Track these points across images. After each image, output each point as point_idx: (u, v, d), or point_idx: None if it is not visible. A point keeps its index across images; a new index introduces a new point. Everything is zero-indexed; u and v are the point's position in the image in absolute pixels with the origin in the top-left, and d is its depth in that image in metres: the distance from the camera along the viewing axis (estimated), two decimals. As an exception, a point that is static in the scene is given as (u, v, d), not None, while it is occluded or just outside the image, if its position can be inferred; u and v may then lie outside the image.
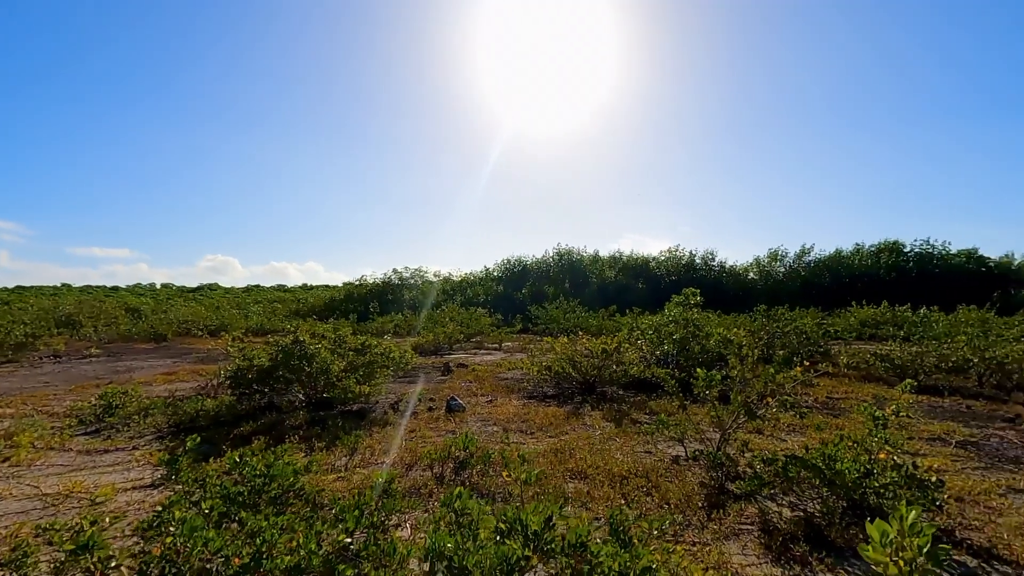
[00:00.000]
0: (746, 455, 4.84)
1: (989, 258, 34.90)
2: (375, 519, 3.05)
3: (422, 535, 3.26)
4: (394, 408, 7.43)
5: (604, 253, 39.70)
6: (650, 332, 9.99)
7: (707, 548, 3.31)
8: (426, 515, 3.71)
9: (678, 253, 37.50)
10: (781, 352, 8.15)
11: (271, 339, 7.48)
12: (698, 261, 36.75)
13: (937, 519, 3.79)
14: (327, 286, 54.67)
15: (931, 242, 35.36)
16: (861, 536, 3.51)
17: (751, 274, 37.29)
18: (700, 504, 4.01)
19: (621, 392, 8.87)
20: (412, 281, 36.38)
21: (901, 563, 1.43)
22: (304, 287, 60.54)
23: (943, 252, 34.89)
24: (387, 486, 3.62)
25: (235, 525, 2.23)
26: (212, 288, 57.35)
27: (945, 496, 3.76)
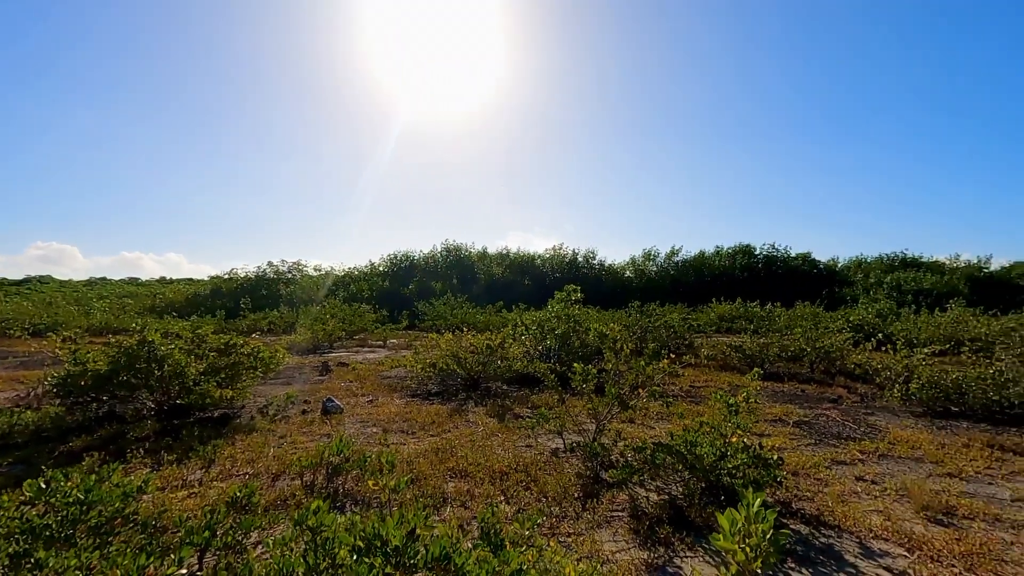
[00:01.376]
0: (619, 444, 5.08)
1: (819, 261, 40.50)
2: (229, 539, 2.73)
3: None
4: (263, 413, 6.84)
5: (492, 250, 40.17)
6: (534, 327, 10.21)
7: (581, 538, 3.40)
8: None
9: (562, 251, 38.98)
10: (652, 345, 8.72)
11: (113, 339, 6.52)
12: (580, 259, 38.47)
13: (778, 493, 4.24)
14: (190, 280, 49.47)
15: (776, 246, 40.23)
16: (717, 516, 3.82)
17: (628, 272, 39.78)
18: (576, 495, 4.12)
19: (505, 387, 8.97)
20: (290, 275, 34.11)
21: (748, 549, 1.53)
22: (162, 281, 54.26)
23: (785, 255, 39.83)
24: (247, 500, 3.28)
25: (31, 568, 1.84)
26: (44, 281, 49.34)
27: (784, 472, 4.21)
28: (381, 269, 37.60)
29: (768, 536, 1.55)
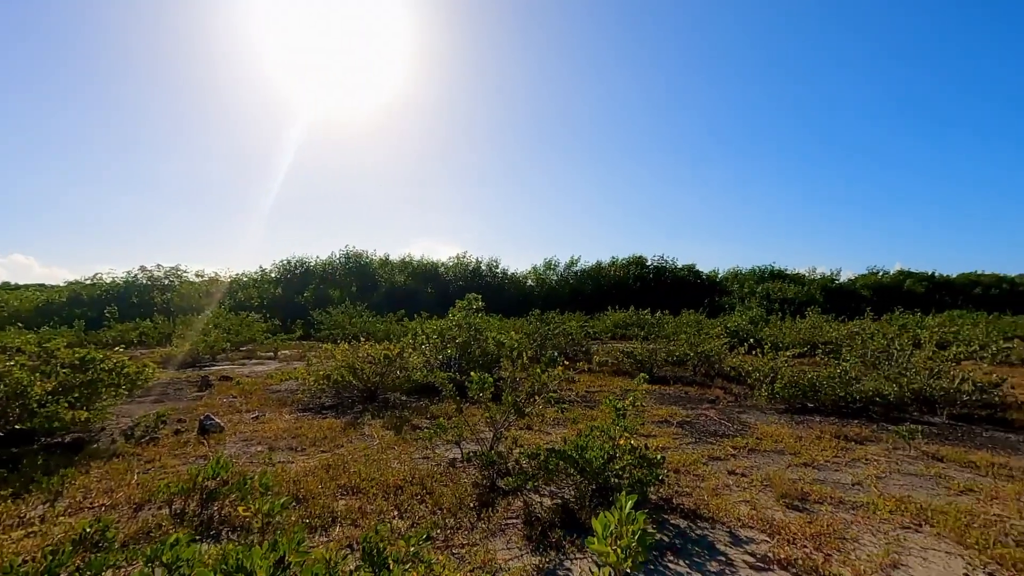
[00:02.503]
0: (514, 451, 5.15)
1: (703, 272, 44.01)
2: (74, 583, 2.40)
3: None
4: (127, 435, 6.13)
5: (395, 257, 39.34)
6: (434, 336, 10.10)
7: (475, 548, 3.39)
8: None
9: (466, 260, 39.07)
10: (549, 352, 8.98)
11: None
12: (484, 268, 38.77)
13: (661, 490, 4.51)
14: (42, 286, 43.35)
15: (665, 257, 43.19)
16: (592, 521, 3.99)
17: (529, 281, 40.72)
18: (472, 504, 4.11)
19: (404, 398, 8.78)
20: (167, 281, 31.05)
21: (619, 550, 1.61)
22: (6, 286, 47.09)
23: (673, 266, 42.84)
24: (100, 535, 2.92)
25: None
26: None
27: (665, 471, 4.50)
28: (273, 276, 35.40)
29: (637, 536, 1.65)
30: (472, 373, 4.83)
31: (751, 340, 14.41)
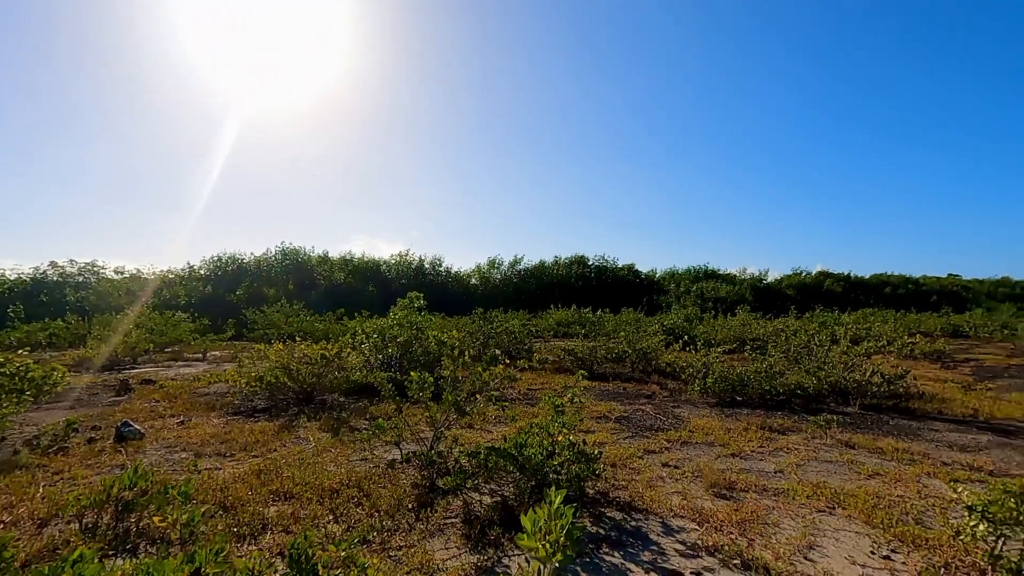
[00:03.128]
0: (455, 451, 5.12)
1: (642, 272, 45.41)
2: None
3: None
4: (31, 445, 5.64)
5: (334, 254, 38.24)
6: (375, 336, 9.89)
7: (412, 550, 3.35)
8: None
9: (409, 258, 38.56)
10: (491, 351, 9.00)
11: None
12: (427, 266, 38.40)
13: (599, 484, 4.62)
14: (-67, 283, 39.19)
15: (606, 257, 44.25)
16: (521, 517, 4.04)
17: (473, 279, 40.68)
18: (410, 505, 4.06)
19: (343, 399, 8.55)
20: (81, 278, 28.81)
21: (547, 545, 1.64)
22: None
23: (614, 266, 43.96)
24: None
25: None
26: None
27: (602, 465, 4.61)
28: (203, 273, 33.57)
29: (565, 531, 1.68)
30: (412, 373, 4.77)
31: (686, 337, 15.01)
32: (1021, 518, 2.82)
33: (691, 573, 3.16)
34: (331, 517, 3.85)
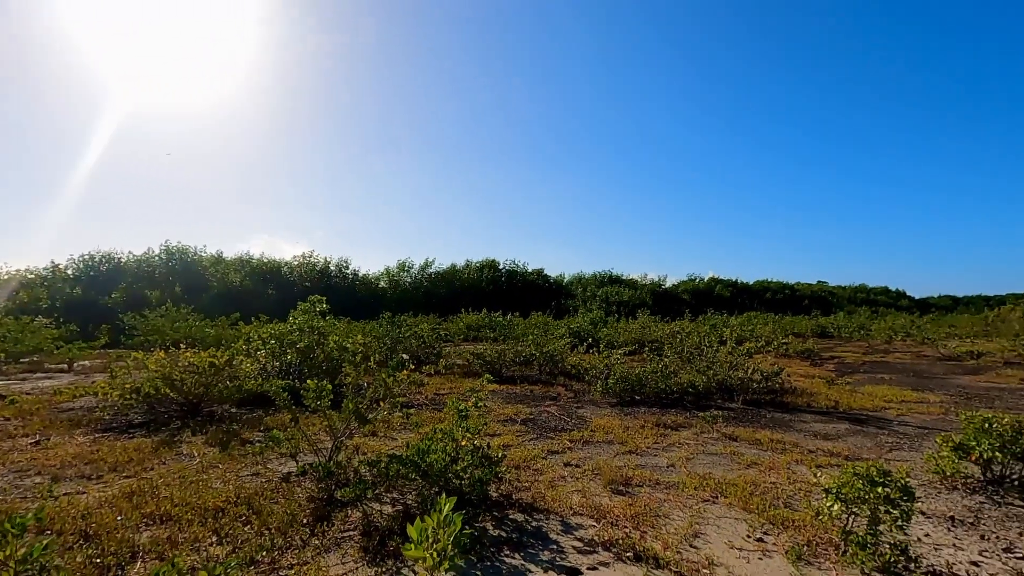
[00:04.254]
0: (354, 460, 4.94)
1: (551, 276, 46.61)
2: None
3: None
4: None
5: (230, 254, 35.64)
6: (272, 341, 9.32)
7: (306, 567, 3.18)
8: None
9: (313, 259, 36.84)
10: (397, 356, 8.82)
11: None
12: (333, 268, 36.92)
13: (502, 487, 4.65)
14: None
15: (517, 262, 44.97)
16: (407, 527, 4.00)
17: (382, 283, 39.69)
18: (305, 520, 3.85)
19: (235, 410, 7.97)
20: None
21: (434, 554, 1.62)
22: None
23: (524, 270, 44.76)
24: None
25: None
26: None
27: (504, 467, 4.65)
28: (70, 273, 29.94)
29: (452, 538, 1.68)
30: (308, 381, 4.54)
31: (590, 340, 15.59)
32: (867, 497, 3.20)
33: (588, 568, 3.27)
34: (214, 539, 3.56)
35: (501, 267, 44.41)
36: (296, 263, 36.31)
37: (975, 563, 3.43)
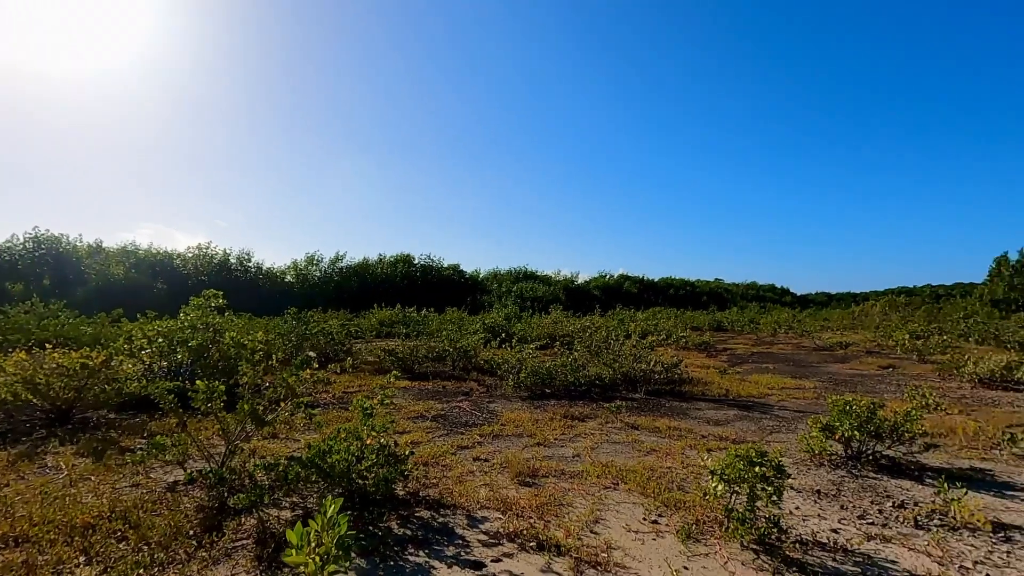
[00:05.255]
0: (248, 464, 4.67)
1: (466, 272, 46.55)
2: None
3: None
4: None
5: (111, 244, 32.26)
6: (160, 340, 8.56)
7: (190, 582, 2.96)
8: None
9: (210, 251, 34.26)
10: (301, 355, 8.43)
11: None
12: (233, 261, 34.56)
13: (409, 485, 4.59)
14: None
15: (432, 257, 44.42)
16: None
17: (289, 277, 37.73)
18: (193, 532, 3.58)
19: (113, 416, 7.25)
20: None
21: (317, 559, 1.57)
22: None
23: (439, 265, 44.34)
24: None
25: None
26: None
27: (413, 465, 4.59)
28: (-93, 263, 25.75)
29: (336, 541, 1.63)
30: (198, 382, 4.22)
31: (504, 335, 15.76)
32: (746, 476, 3.49)
33: (492, 561, 3.31)
34: (82, 559, 3.21)
35: (416, 262, 43.71)
36: (191, 255, 33.58)
37: (835, 530, 3.86)
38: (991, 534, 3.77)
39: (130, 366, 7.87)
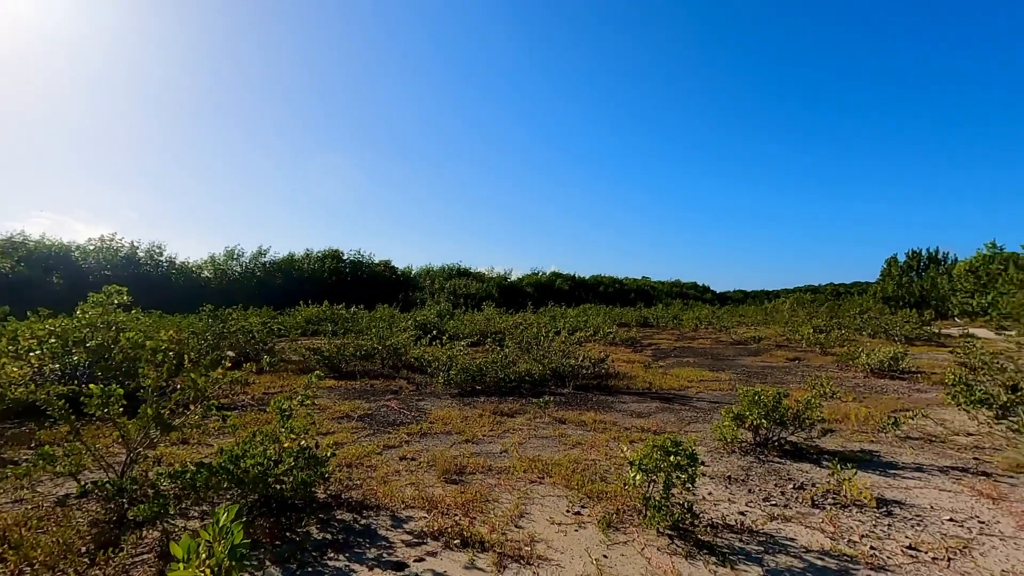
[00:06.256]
0: (153, 473, 4.35)
1: (398, 268, 45.70)
2: None
3: None
4: None
5: (-6, 234, 28.95)
6: (52, 340, 7.78)
7: (80, 604, 2.72)
8: None
9: (115, 243, 31.54)
10: (213, 354, 7.95)
11: None
12: (142, 254, 32.04)
13: (331, 487, 4.44)
14: None
15: (362, 252, 43.26)
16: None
17: (205, 272, 35.46)
18: (84, 549, 3.29)
19: (-5, 425, 6.53)
20: None
21: (208, 571, 1.49)
22: None
23: (370, 261, 43.26)
24: None
25: None
26: None
27: (334, 467, 4.45)
28: None
29: (229, 550, 1.55)
30: (91, 386, 3.88)
31: (435, 332, 15.60)
32: (662, 465, 3.65)
33: (415, 560, 3.27)
34: (-50, 586, 2.88)
35: (346, 258, 42.37)
36: (92, 247, 30.77)
37: (742, 513, 4.11)
38: (876, 509, 4.15)
39: (16, 370, 7.11)
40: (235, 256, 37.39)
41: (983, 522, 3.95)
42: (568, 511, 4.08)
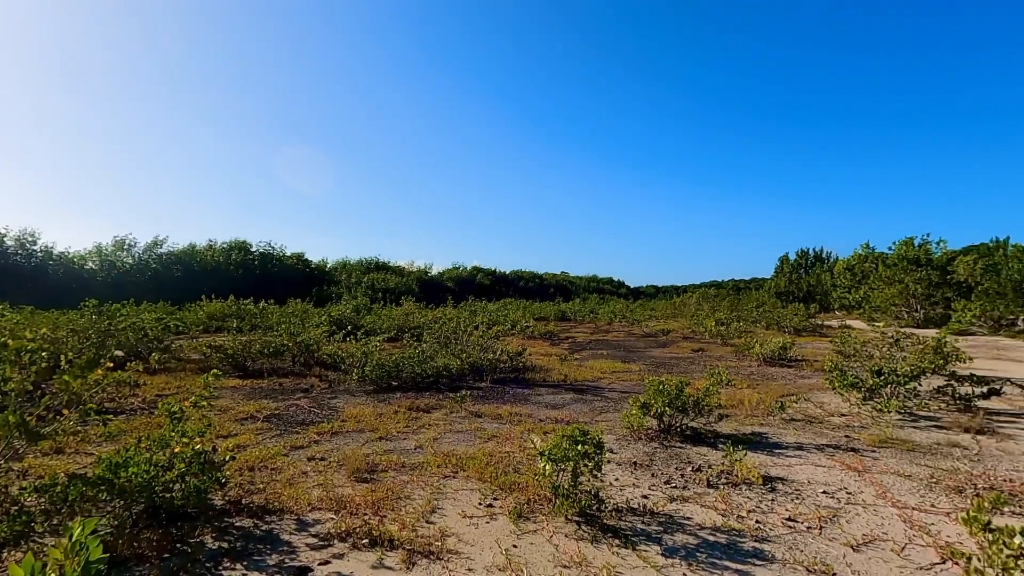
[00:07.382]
0: (16, 487, 3.89)
1: (312, 261, 43.81)
2: None
3: None
4: None
5: None
6: None
7: (-81, 641, 2.37)
8: None
9: (-25, 230, 27.78)
10: (89, 353, 7.22)
11: None
12: (11, 243, 28.44)
13: (230, 492, 4.18)
14: None
15: (272, 244, 41.01)
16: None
17: (90, 263, 32.11)
18: (-73, 578, 2.88)
19: None
20: None
21: None
22: None
23: (281, 254, 41.09)
24: None
25: None
26: None
27: (233, 471, 4.20)
28: None
29: (83, 567, 1.43)
30: (-63, 391, 3.40)
31: (351, 327, 15.12)
32: (570, 454, 3.76)
33: (319, 564, 3.16)
34: None
35: (254, 250, 39.94)
36: (-53, 235, 26.93)
37: (645, 496, 4.33)
38: (762, 486, 4.53)
39: None
40: (126, 246, 34.10)
41: (850, 493, 4.43)
42: (480, 504, 4.10)
